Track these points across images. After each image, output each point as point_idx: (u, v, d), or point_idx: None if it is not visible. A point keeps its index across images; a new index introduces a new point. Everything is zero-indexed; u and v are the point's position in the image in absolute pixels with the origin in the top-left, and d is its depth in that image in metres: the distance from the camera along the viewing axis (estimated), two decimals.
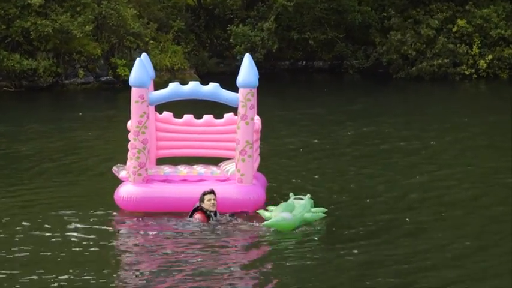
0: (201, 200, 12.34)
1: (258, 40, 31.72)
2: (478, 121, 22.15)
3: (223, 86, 12.84)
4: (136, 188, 12.76)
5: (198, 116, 13.44)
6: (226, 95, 12.82)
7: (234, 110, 12.99)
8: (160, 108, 13.39)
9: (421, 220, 12.58)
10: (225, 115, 13.31)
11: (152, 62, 14.05)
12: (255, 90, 12.67)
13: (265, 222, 11.92)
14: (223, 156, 13.47)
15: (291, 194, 12.82)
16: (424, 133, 20.14)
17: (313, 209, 12.42)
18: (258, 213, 12.31)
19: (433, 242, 11.52)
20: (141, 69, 12.57)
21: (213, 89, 12.76)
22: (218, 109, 13.78)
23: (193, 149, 13.34)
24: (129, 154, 12.84)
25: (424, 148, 18.28)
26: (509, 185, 14.76)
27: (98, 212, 12.89)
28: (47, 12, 29.16)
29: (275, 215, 11.98)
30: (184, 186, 12.86)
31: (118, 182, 13.23)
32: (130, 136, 12.79)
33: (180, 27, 32.19)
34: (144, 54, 13.31)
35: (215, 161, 13.66)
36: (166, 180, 12.96)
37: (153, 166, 13.28)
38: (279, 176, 15.32)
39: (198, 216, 12.28)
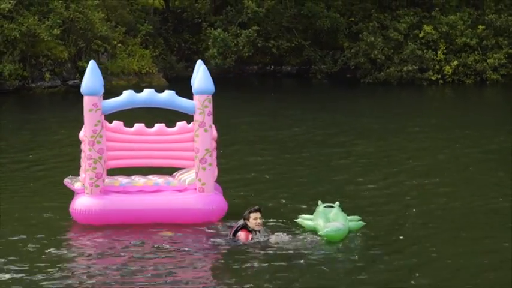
0: (246, 217, 11.68)
1: (233, 46, 31.67)
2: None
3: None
4: (94, 200, 12.35)
5: (150, 125, 12.97)
6: (182, 103, 12.71)
7: (187, 118, 12.77)
8: (110, 117, 12.87)
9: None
10: (178, 123, 12.99)
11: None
12: (211, 97, 12.55)
13: (322, 232, 11.49)
14: (176, 166, 13.11)
15: (319, 202, 12.45)
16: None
17: (349, 217, 12.08)
18: (296, 222, 12.03)
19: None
20: (93, 76, 12.31)
21: (168, 97, 12.63)
22: (172, 117, 13.60)
23: (145, 159, 12.78)
24: (84, 165, 12.45)
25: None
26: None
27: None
28: (13, 16, 29.02)
29: (329, 225, 11.56)
30: (144, 197, 12.52)
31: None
32: (84, 146, 12.46)
33: (148, 30, 32.11)
34: (92, 62, 12.80)
35: (169, 170, 13.30)
36: (122, 192, 12.56)
37: (106, 177, 12.68)
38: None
39: (242, 234, 11.56)
